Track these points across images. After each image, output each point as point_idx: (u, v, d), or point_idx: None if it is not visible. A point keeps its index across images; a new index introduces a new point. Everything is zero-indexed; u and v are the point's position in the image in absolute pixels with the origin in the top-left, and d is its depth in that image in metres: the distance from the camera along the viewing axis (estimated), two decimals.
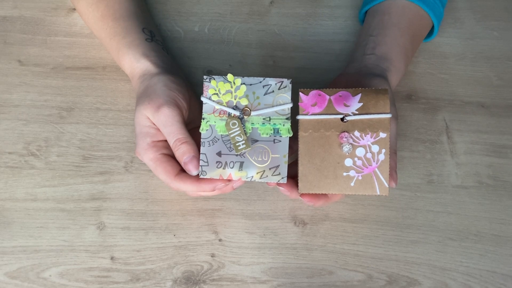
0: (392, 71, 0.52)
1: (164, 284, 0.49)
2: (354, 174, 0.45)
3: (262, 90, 0.47)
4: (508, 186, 0.54)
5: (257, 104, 0.47)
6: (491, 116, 0.57)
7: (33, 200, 0.52)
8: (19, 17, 0.61)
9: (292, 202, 0.53)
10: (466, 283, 0.50)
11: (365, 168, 0.45)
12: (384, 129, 0.45)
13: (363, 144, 0.45)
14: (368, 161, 0.45)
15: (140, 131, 0.48)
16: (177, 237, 0.51)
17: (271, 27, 0.62)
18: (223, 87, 0.47)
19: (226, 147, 0.46)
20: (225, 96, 0.47)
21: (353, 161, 0.45)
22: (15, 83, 0.58)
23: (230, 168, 0.46)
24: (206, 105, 0.47)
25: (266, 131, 0.46)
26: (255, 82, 0.47)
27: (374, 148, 0.45)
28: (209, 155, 0.46)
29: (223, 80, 0.47)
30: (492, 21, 0.63)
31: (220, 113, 0.47)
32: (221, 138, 0.46)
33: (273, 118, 0.46)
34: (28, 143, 0.55)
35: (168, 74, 0.50)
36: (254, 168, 0.46)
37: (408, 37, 0.55)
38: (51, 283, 0.49)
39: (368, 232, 0.52)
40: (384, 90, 0.46)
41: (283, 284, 0.50)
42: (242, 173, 0.46)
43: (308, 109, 0.45)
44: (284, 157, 0.46)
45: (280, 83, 0.47)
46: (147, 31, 0.54)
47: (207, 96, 0.47)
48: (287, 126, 0.46)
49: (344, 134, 0.45)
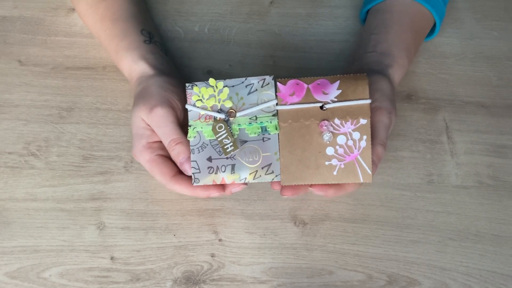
0: (395, 67, 0.52)
1: (164, 284, 0.49)
2: (336, 163, 0.45)
3: (245, 90, 0.46)
4: (508, 186, 0.54)
5: (242, 105, 0.46)
6: (491, 116, 0.57)
7: (33, 200, 0.52)
8: (19, 17, 0.61)
9: (292, 202, 0.53)
10: (466, 283, 0.50)
11: (347, 156, 0.44)
12: (364, 115, 0.44)
13: (344, 131, 0.45)
14: (349, 148, 0.45)
15: (136, 133, 0.48)
16: (177, 237, 0.51)
17: (271, 27, 0.62)
18: (206, 92, 0.46)
19: (215, 152, 0.46)
20: (209, 101, 0.46)
21: (335, 150, 0.45)
22: (15, 83, 0.58)
23: (222, 172, 0.46)
24: (191, 112, 0.47)
25: (253, 131, 0.46)
26: (238, 83, 0.47)
27: (355, 135, 0.44)
28: (200, 161, 0.46)
29: (205, 86, 0.47)
30: (492, 21, 0.63)
31: (206, 118, 0.46)
32: (209, 143, 0.46)
33: (259, 116, 0.46)
34: (28, 143, 0.55)
35: (164, 75, 0.50)
36: (246, 169, 0.46)
37: (410, 34, 0.54)
38: (51, 283, 0.49)
39: (368, 232, 0.52)
40: (363, 76, 0.45)
41: (283, 284, 0.50)
42: (235, 176, 0.46)
43: (286, 99, 0.45)
44: (276, 154, 0.46)
45: (263, 80, 0.46)
46: (145, 33, 0.54)
47: (191, 103, 0.47)
48: (274, 123, 0.46)
49: (324, 123, 0.44)
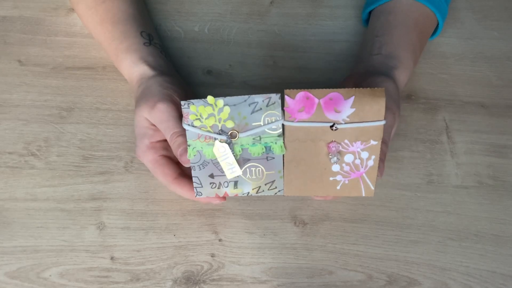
0: (400, 69, 0.52)
1: (164, 284, 0.49)
2: (341, 179, 0.43)
3: (248, 109, 0.42)
4: (508, 186, 0.54)
5: (245, 125, 0.43)
6: (491, 116, 0.57)
7: (33, 200, 0.52)
8: (19, 17, 0.61)
9: (292, 202, 0.53)
10: (466, 283, 0.50)
11: (352, 173, 0.43)
12: (376, 137, 0.41)
13: (352, 150, 0.42)
14: (356, 167, 0.43)
15: (139, 133, 0.48)
16: (177, 237, 0.51)
17: (271, 27, 0.62)
18: (204, 111, 0.42)
19: (217, 169, 0.44)
20: (208, 120, 0.43)
21: (341, 167, 0.43)
22: (15, 83, 0.58)
23: (225, 187, 0.45)
24: (189, 132, 0.43)
25: (257, 151, 0.44)
26: (240, 101, 0.42)
27: (363, 155, 0.42)
28: (202, 177, 0.45)
29: (203, 104, 0.42)
30: (492, 21, 0.63)
31: (206, 138, 0.43)
32: (211, 161, 0.44)
33: (263, 136, 0.43)
34: (28, 143, 0.55)
35: (164, 75, 0.50)
36: (249, 185, 0.45)
37: (414, 35, 0.54)
38: (51, 283, 0.49)
39: (368, 232, 0.52)
40: (380, 91, 0.41)
41: (283, 284, 0.49)
42: (238, 190, 0.45)
43: (294, 115, 0.41)
44: (279, 173, 0.44)
45: (268, 99, 0.42)
46: (145, 35, 0.54)
47: (188, 123, 0.43)
48: (280, 143, 0.43)
49: (333, 145, 0.41)
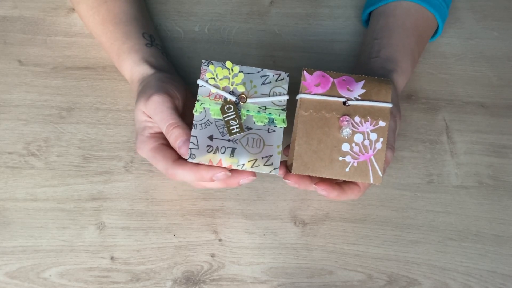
0: (398, 72, 0.52)
1: (164, 284, 0.49)
2: (350, 160, 0.45)
3: (259, 80, 0.47)
4: (508, 186, 0.54)
5: (254, 93, 0.47)
6: (491, 116, 0.57)
7: (33, 200, 0.52)
8: (19, 17, 0.61)
9: (292, 202, 0.53)
10: (466, 283, 0.50)
11: (361, 155, 0.45)
12: (384, 118, 0.45)
13: (362, 130, 0.45)
14: (365, 148, 0.45)
15: (139, 127, 0.49)
16: (177, 237, 0.51)
17: (271, 27, 0.62)
18: (221, 72, 0.47)
19: (218, 132, 0.45)
20: (222, 81, 0.46)
21: (351, 147, 0.45)
22: (15, 83, 0.58)
23: (221, 153, 0.45)
24: (202, 88, 0.46)
25: (261, 119, 0.46)
26: (253, 71, 0.47)
27: (372, 136, 0.45)
28: (200, 138, 0.45)
29: (221, 66, 0.47)
30: (492, 21, 0.63)
31: (216, 97, 0.46)
32: (214, 122, 0.45)
33: (269, 107, 0.46)
34: (28, 143, 0.55)
35: (163, 72, 0.50)
36: (246, 155, 0.45)
37: (413, 38, 0.54)
38: (51, 283, 0.49)
39: (368, 232, 0.52)
40: (387, 80, 0.46)
41: (283, 284, 0.50)
42: (233, 160, 0.45)
43: (311, 88, 0.45)
44: (278, 148, 0.45)
45: (278, 75, 0.47)
46: (147, 36, 0.54)
47: (204, 79, 0.46)
48: (283, 117, 0.46)
49: (345, 118, 0.44)
